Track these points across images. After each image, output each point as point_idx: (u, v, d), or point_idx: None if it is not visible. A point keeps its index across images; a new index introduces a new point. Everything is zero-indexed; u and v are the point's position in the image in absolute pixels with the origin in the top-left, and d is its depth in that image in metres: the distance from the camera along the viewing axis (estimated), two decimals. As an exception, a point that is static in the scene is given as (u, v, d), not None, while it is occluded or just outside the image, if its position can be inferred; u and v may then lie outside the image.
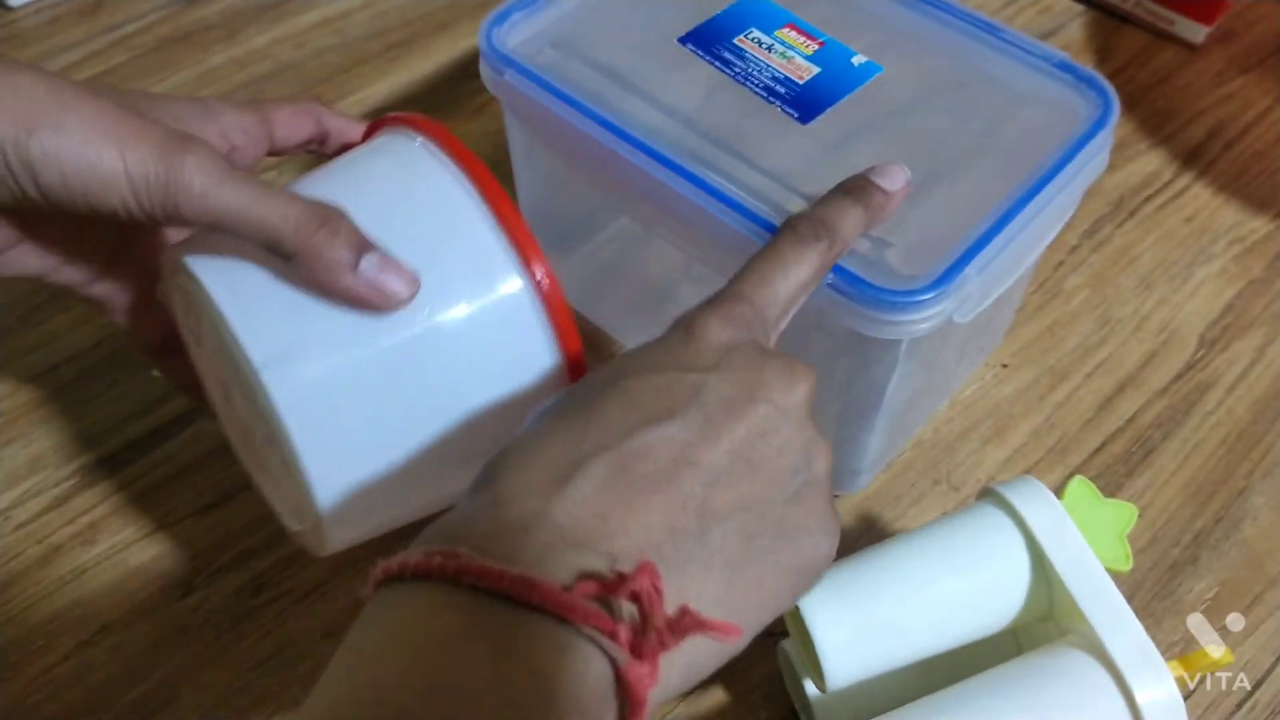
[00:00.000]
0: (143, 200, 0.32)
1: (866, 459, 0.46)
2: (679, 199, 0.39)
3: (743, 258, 0.34)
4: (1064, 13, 0.70)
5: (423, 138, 0.38)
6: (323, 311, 0.34)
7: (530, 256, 0.36)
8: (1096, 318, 0.55)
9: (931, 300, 0.36)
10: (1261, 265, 0.57)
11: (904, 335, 0.37)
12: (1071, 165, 0.40)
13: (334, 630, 0.44)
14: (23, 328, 0.54)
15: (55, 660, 0.43)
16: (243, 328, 0.33)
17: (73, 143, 0.31)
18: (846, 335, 0.38)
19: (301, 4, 0.69)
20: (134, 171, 0.32)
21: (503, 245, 0.36)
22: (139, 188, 0.32)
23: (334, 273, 0.33)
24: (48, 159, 0.31)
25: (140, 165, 0.32)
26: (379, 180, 0.37)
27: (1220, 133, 0.63)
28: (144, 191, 0.32)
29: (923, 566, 0.37)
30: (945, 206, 0.40)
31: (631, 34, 0.46)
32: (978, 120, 0.43)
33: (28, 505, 0.48)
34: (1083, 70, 0.43)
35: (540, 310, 0.36)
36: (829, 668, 0.35)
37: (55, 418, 0.50)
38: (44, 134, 0.31)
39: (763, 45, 0.44)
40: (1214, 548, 0.47)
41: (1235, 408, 0.51)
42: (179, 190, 0.32)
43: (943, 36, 0.45)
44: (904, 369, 0.41)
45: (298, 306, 0.34)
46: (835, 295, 0.37)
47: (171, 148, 0.32)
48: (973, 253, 0.37)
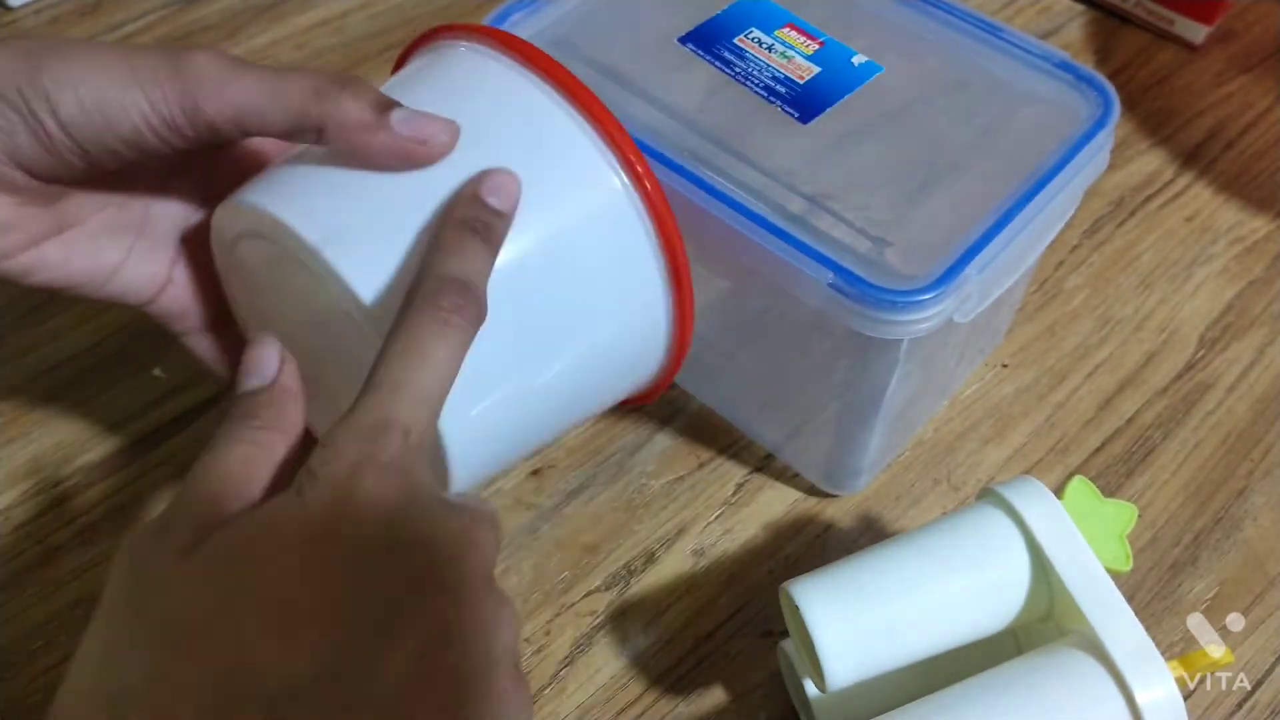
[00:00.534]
0: (161, 108, 0.32)
1: (866, 459, 0.46)
2: (680, 199, 0.39)
3: (744, 258, 0.33)
4: (1064, 13, 0.70)
5: (483, 46, 0.36)
6: (409, 220, 0.32)
7: (630, 159, 0.35)
8: (1096, 318, 0.55)
9: (932, 300, 0.36)
10: (1261, 265, 0.57)
11: (904, 335, 0.37)
12: (1072, 165, 0.40)
13: (334, 630, 0.44)
14: (23, 328, 0.54)
15: (55, 660, 0.43)
16: (334, 256, 0.31)
17: (80, 69, 0.31)
18: (846, 335, 0.38)
19: (301, 4, 0.69)
20: (145, 80, 0.31)
21: (601, 150, 0.35)
22: (154, 97, 0.32)
23: (367, 132, 0.32)
24: (60, 87, 0.31)
25: (152, 73, 0.32)
26: (454, 97, 0.35)
27: (1220, 133, 0.63)
28: (160, 100, 0.32)
29: (923, 567, 0.37)
30: (945, 206, 0.40)
31: (631, 34, 0.46)
32: (978, 120, 0.43)
33: (28, 505, 0.48)
34: (1083, 70, 0.43)
35: (644, 213, 0.35)
36: (829, 668, 0.35)
37: (55, 418, 0.50)
38: (53, 66, 0.31)
39: (763, 45, 0.44)
40: (1214, 548, 0.47)
41: (1235, 408, 0.51)
42: (195, 86, 0.32)
43: (942, 36, 0.46)
44: (904, 369, 0.41)
45: (376, 214, 0.32)
46: (836, 295, 0.37)
47: (176, 53, 0.32)
48: (973, 252, 0.37)
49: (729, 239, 0.39)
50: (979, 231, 0.38)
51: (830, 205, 0.40)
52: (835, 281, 0.36)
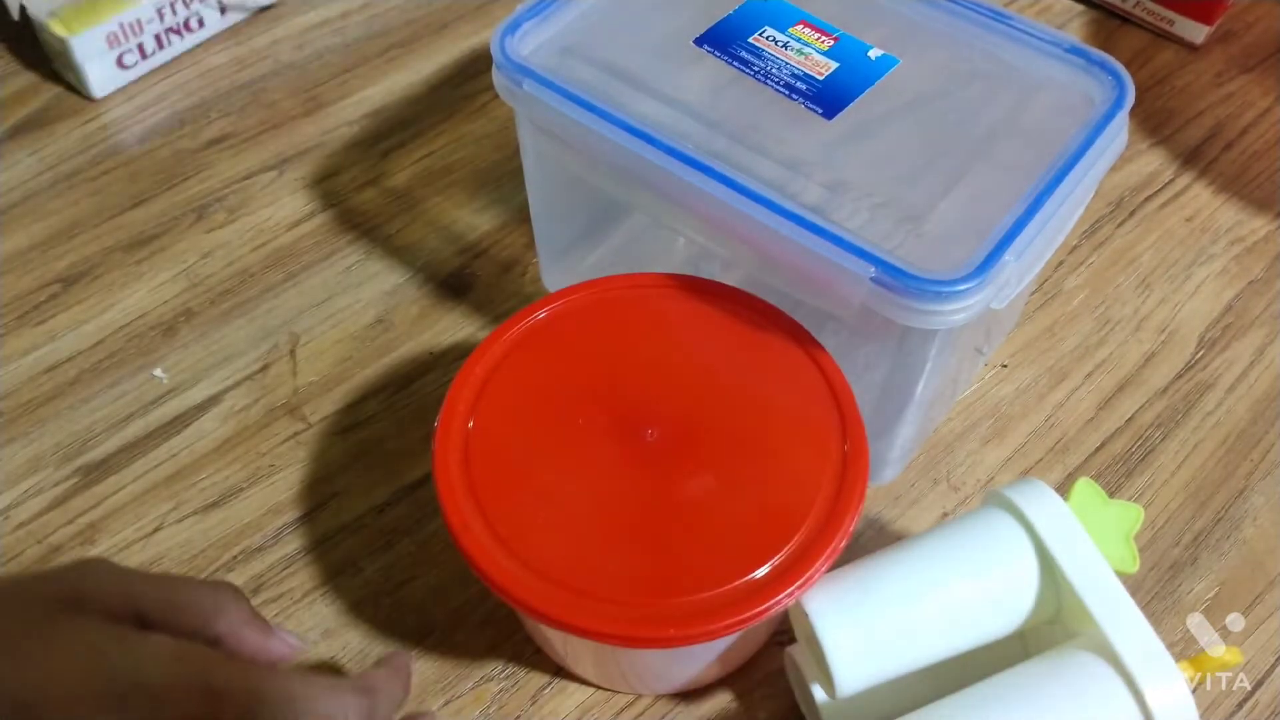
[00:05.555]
0: None
1: (895, 450, 0.46)
2: (716, 203, 0.39)
3: (779, 255, 0.32)
4: (1064, 13, 0.70)
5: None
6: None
7: None
8: (1096, 318, 0.55)
9: (973, 289, 0.36)
10: (1261, 265, 0.57)
11: (945, 325, 0.37)
12: (1095, 147, 0.40)
13: (334, 630, 0.44)
14: (23, 328, 0.54)
15: (55, 660, 0.43)
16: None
17: None
18: (883, 326, 0.38)
19: (301, 4, 0.69)
20: None
21: None
22: None
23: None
24: None
25: None
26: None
27: (1220, 133, 0.63)
28: None
29: (930, 572, 0.37)
30: (974, 194, 0.40)
31: (644, 38, 0.46)
32: (997, 107, 0.43)
33: (28, 505, 0.48)
34: (1094, 54, 0.43)
35: None
36: (838, 674, 0.35)
37: (55, 418, 0.50)
38: None
39: (778, 43, 0.44)
40: (1214, 548, 0.47)
41: (1235, 408, 0.51)
42: None
43: (952, 26, 0.45)
44: (938, 360, 0.41)
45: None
46: (877, 288, 0.36)
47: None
48: (1010, 239, 0.37)
49: (762, 236, 0.38)
50: (1014, 218, 0.38)
51: (861, 199, 0.39)
52: (878, 275, 0.36)
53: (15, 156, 0.61)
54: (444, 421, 0.39)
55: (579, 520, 0.37)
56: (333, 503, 0.48)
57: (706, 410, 0.39)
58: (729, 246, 0.42)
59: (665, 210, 0.42)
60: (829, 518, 0.36)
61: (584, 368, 0.41)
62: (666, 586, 0.35)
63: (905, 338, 0.40)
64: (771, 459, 0.38)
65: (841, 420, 0.39)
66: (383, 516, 0.47)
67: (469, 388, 0.40)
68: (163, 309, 0.54)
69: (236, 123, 0.63)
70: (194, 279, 0.56)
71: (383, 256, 0.57)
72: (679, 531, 0.36)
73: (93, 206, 0.59)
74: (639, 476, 0.37)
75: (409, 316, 0.54)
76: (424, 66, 0.66)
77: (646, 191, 0.42)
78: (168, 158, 0.61)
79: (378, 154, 0.62)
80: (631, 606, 0.34)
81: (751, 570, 0.35)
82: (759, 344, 0.41)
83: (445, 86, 0.65)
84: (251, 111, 0.64)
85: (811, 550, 0.35)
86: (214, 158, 0.61)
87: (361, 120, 0.63)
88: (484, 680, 0.43)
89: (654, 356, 0.41)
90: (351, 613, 0.45)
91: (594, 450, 0.38)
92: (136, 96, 0.64)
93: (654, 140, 0.40)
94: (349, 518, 0.47)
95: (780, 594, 0.34)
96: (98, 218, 0.58)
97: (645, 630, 0.34)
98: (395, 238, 0.57)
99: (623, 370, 0.41)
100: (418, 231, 0.58)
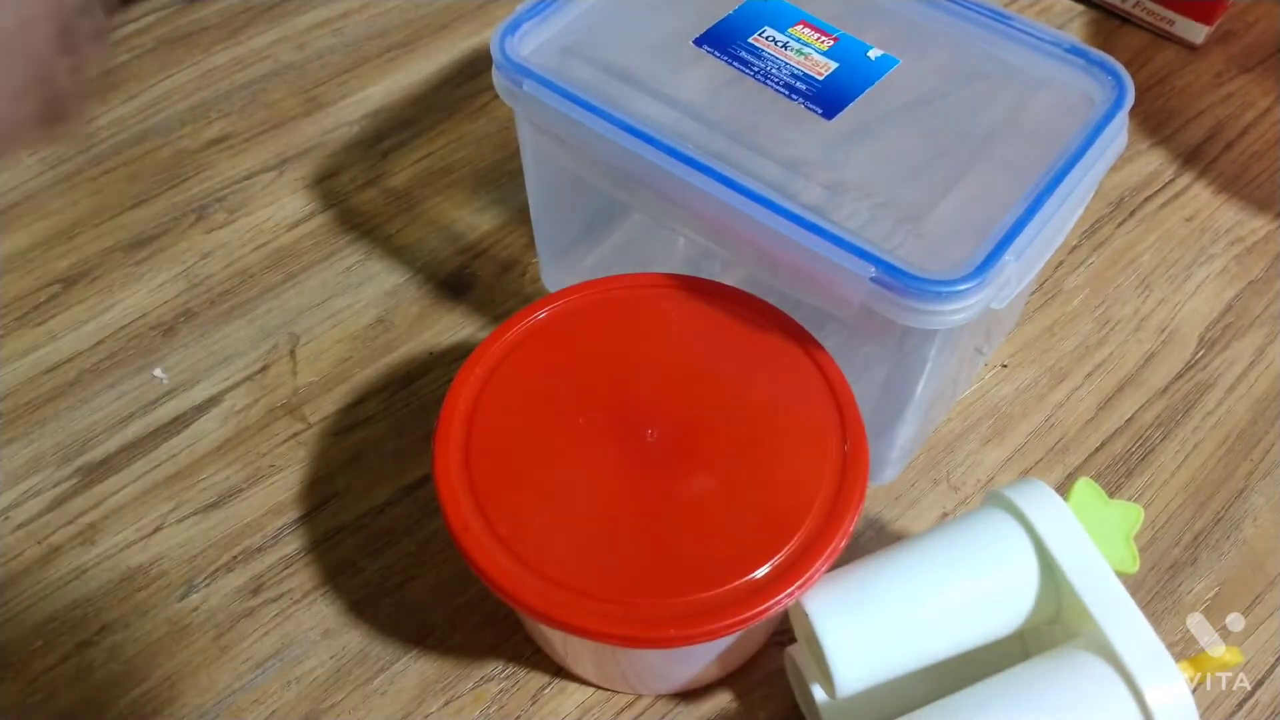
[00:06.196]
0: None
1: (895, 451, 0.46)
2: (716, 203, 0.39)
3: (779, 255, 0.32)
4: (1064, 13, 0.70)
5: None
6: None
7: None
8: (1096, 318, 0.55)
9: (973, 289, 0.36)
10: (1261, 265, 0.57)
11: (944, 325, 0.37)
12: (1095, 147, 0.40)
13: (334, 630, 0.44)
14: (23, 328, 0.54)
15: (55, 660, 0.43)
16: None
17: None
18: (883, 326, 0.38)
19: (301, 4, 0.69)
20: None
21: None
22: None
23: None
24: None
25: None
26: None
27: (1220, 133, 0.63)
28: None
29: (931, 572, 0.37)
30: (973, 195, 0.40)
31: (644, 38, 0.46)
32: (996, 107, 0.43)
33: (28, 505, 0.48)
34: (1094, 53, 0.43)
35: None
36: (839, 674, 0.35)
37: (55, 418, 0.50)
38: None
39: (778, 43, 0.44)
40: (1214, 548, 0.47)
41: (1235, 408, 0.51)
42: None
43: (952, 26, 0.45)
44: (938, 360, 0.41)
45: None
46: (877, 288, 0.36)
47: None
48: (1010, 239, 0.37)
49: (762, 236, 0.38)
50: (1013, 218, 0.38)
51: (861, 199, 0.39)
52: (878, 275, 0.36)
53: (15, 156, 0.61)
54: (444, 421, 0.39)
55: (579, 520, 0.37)
56: (332, 503, 0.48)
57: (706, 410, 0.39)
58: (729, 246, 0.42)
59: (665, 210, 0.42)
60: (829, 518, 0.36)
61: (584, 368, 0.41)
62: (666, 586, 0.35)
63: (905, 338, 0.40)
64: (771, 459, 0.38)
65: (841, 420, 0.39)
66: (382, 516, 0.47)
67: (469, 388, 0.40)
68: (163, 309, 0.54)
69: (236, 123, 0.63)
70: (194, 279, 0.56)
71: (383, 256, 0.57)
72: (679, 532, 0.36)
73: (93, 206, 0.59)
74: (639, 476, 0.37)
75: (409, 316, 0.54)
76: (424, 66, 0.66)
77: (646, 191, 0.42)
78: (168, 158, 0.61)
79: (378, 154, 0.62)
80: (631, 606, 0.34)
81: (751, 570, 0.35)
82: (759, 344, 0.41)
83: (445, 86, 0.65)
84: (251, 111, 0.64)
85: (811, 550, 0.35)
86: (214, 158, 0.61)
87: (361, 120, 0.63)
88: (484, 680, 0.43)
89: (654, 356, 0.41)
90: (351, 613, 0.45)
91: (594, 450, 0.38)
92: (137, 96, 0.64)
93: (654, 140, 0.40)
94: (349, 518, 0.47)
95: (780, 594, 0.34)
96: (98, 218, 0.58)
97: (645, 630, 0.34)
98: (395, 238, 0.58)
99: (623, 370, 0.41)
100: (418, 231, 0.58)
